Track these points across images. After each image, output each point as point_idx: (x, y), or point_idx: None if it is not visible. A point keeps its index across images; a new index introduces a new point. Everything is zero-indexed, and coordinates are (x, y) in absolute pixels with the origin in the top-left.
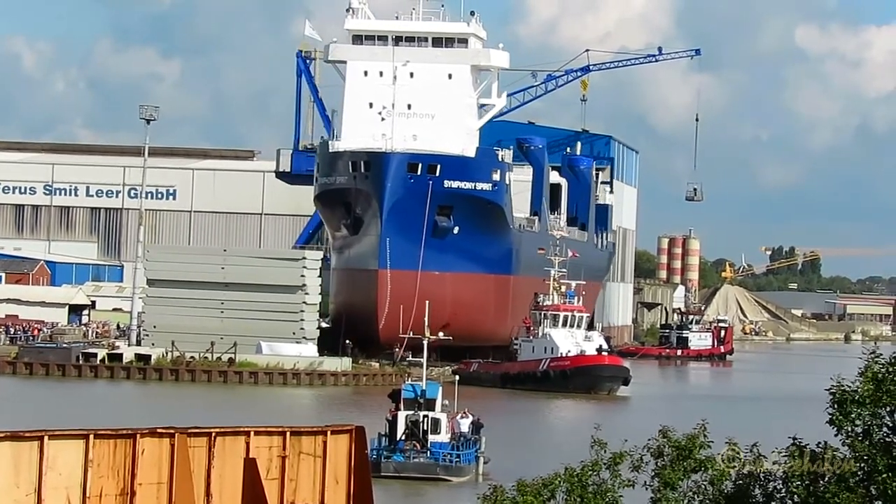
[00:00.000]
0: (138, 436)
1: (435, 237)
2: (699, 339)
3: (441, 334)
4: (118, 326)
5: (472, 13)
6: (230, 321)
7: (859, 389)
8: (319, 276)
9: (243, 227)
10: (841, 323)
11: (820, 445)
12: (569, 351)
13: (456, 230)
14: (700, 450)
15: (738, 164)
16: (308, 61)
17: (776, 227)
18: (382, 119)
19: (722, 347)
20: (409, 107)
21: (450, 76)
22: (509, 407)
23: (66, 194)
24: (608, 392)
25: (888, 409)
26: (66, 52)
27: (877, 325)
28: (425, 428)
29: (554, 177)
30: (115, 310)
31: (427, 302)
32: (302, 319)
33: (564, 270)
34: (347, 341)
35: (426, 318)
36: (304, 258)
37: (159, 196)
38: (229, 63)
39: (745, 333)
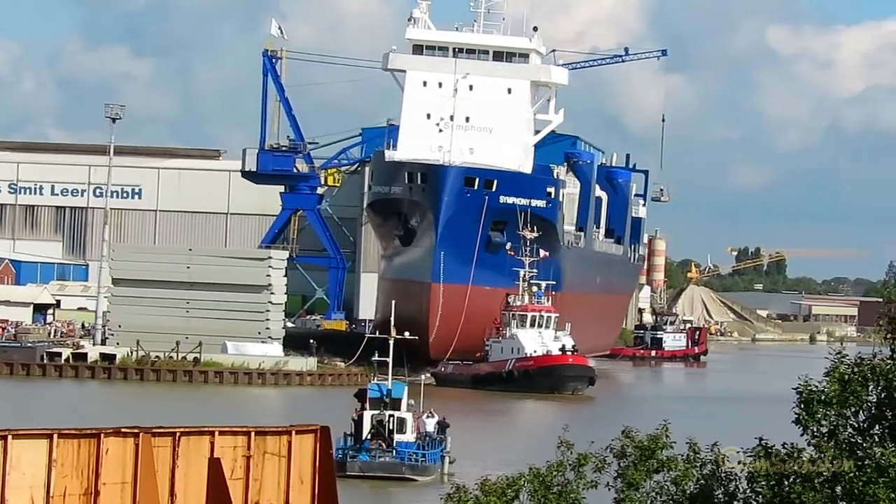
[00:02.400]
0: (102, 435)
1: (487, 252)
2: (673, 340)
3: (406, 334)
4: (83, 326)
5: (535, 29)
6: (195, 321)
7: (826, 390)
8: (285, 275)
9: (209, 227)
10: (806, 324)
11: (786, 446)
12: (534, 351)
13: (508, 245)
14: (662, 450)
15: (706, 165)
16: (274, 60)
17: (743, 227)
18: (440, 130)
19: (696, 348)
20: (468, 119)
21: (509, 91)
22: (475, 407)
23: (30, 193)
24: (572, 392)
25: (853, 409)
26: (36, 52)
27: (842, 326)
28: (391, 427)
29: (596, 190)
30: (80, 309)
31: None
32: (267, 319)
33: (535, 270)
34: (312, 340)
35: (392, 318)
36: (270, 258)
37: (125, 195)
38: (200, 62)
39: (711, 334)
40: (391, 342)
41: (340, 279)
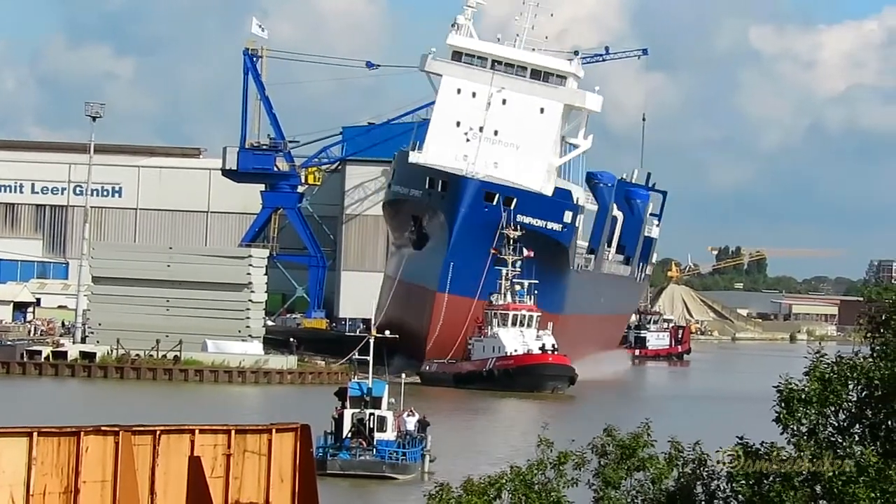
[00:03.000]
0: (82, 434)
1: (497, 267)
2: (657, 339)
3: (388, 332)
4: (63, 324)
5: (576, 52)
6: (175, 319)
7: (806, 388)
8: (265, 273)
9: (189, 225)
10: (786, 323)
11: (766, 444)
12: (515, 350)
13: (518, 265)
14: (643, 449)
15: (687, 164)
16: (255, 59)
17: (723, 226)
18: (467, 140)
19: (679, 347)
20: (496, 133)
21: (542, 110)
22: (456, 405)
23: (11, 191)
24: (552, 391)
25: (833, 408)
26: (17, 50)
27: (822, 325)
28: (371, 426)
29: (612, 209)
30: (60, 307)
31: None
32: (248, 318)
33: (518, 269)
34: (292, 339)
35: (372, 316)
36: (250, 256)
37: (105, 193)
38: (182, 61)
39: (692, 333)
40: (371, 341)
41: (321, 278)
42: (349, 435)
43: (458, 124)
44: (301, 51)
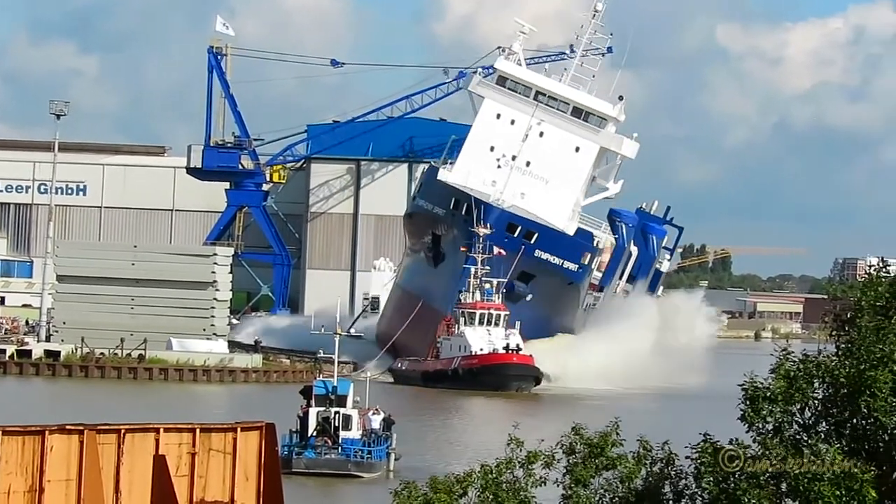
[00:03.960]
0: (47, 433)
1: (508, 300)
2: None
3: (353, 331)
4: (27, 322)
5: (621, 98)
6: (140, 317)
7: (771, 386)
8: (230, 272)
9: (154, 223)
10: (751, 320)
11: (732, 442)
12: (481, 349)
13: (529, 297)
14: (612, 447)
15: (652, 162)
16: (220, 57)
17: (688, 224)
18: (499, 166)
19: None
20: (528, 164)
21: (577, 149)
22: (422, 404)
23: None
24: (517, 390)
25: (799, 406)
26: None
27: (787, 323)
28: (336, 424)
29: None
30: (24, 306)
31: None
32: (212, 316)
33: (488, 268)
34: (257, 338)
35: (338, 315)
36: (215, 255)
37: (69, 191)
38: (147, 58)
39: None
40: (337, 339)
41: (286, 276)
42: (314, 433)
43: (493, 149)
44: (269, 48)
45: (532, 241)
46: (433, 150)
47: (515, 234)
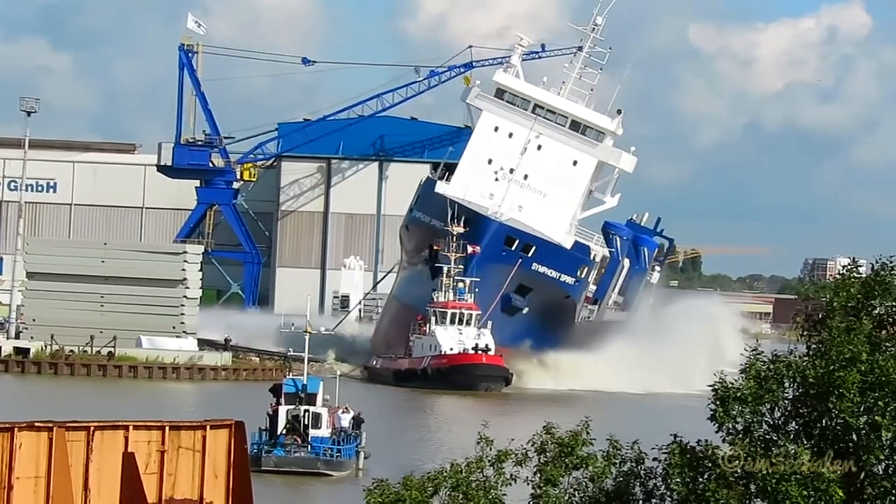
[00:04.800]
0: (16, 429)
1: (504, 312)
2: None
3: (322, 329)
4: None
5: (619, 111)
6: (110, 315)
7: (742, 387)
8: (200, 270)
9: (124, 221)
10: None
11: (701, 443)
12: (451, 349)
13: (525, 311)
14: (582, 447)
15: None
16: (191, 55)
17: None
18: (496, 179)
19: None
20: (526, 177)
21: (575, 163)
22: (392, 403)
23: None
24: (485, 390)
25: (768, 406)
26: None
27: (757, 323)
28: (306, 423)
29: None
30: None
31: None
32: (182, 314)
33: (461, 266)
34: (227, 336)
35: (307, 315)
36: (185, 252)
37: (39, 189)
38: (119, 56)
39: None
40: (306, 338)
41: (256, 274)
42: (284, 431)
43: (490, 162)
44: (242, 46)
45: (529, 255)
46: (404, 148)
47: (513, 248)
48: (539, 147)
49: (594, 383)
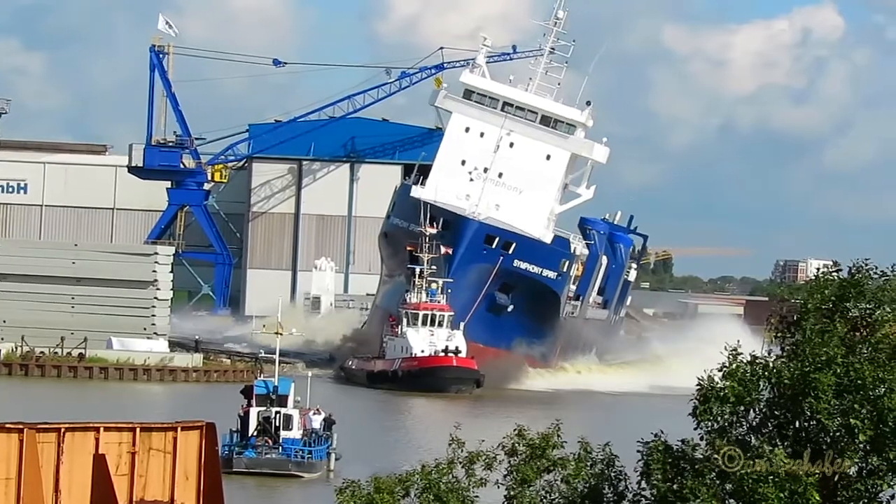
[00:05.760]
0: None
1: (490, 312)
2: None
3: (294, 331)
4: None
5: (588, 103)
6: (81, 316)
7: (725, 387)
8: (171, 271)
9: (95, 222)
10: (693, 322)
11: (680, 441)
12: (422, 351)
13: (510, 308)
14: (553, 449)
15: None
16: (161, 56)
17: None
18: (471, 180)
19: None
20: (500, 175)
21: (548, 157)
22: (364, 405)
23: None
24: (455, 392)
25: (745, 407)
26: None
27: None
28: (277, 424)
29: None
30: None
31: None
32: (153, 315)
33: (434, 267)
34: (197, 336)
35: (278, 316)
36: (156, 254)
37: (10, 189)
38: (92, 57)
39: None
40: (277, 340)
41: (227, 275)
42: (255, 433)
43: (464, 163)
44: (215, 48)
45: (510, 252)
46: (375, 150)
47: (493, 246)
48: (511, 144)
49: (592, 383)
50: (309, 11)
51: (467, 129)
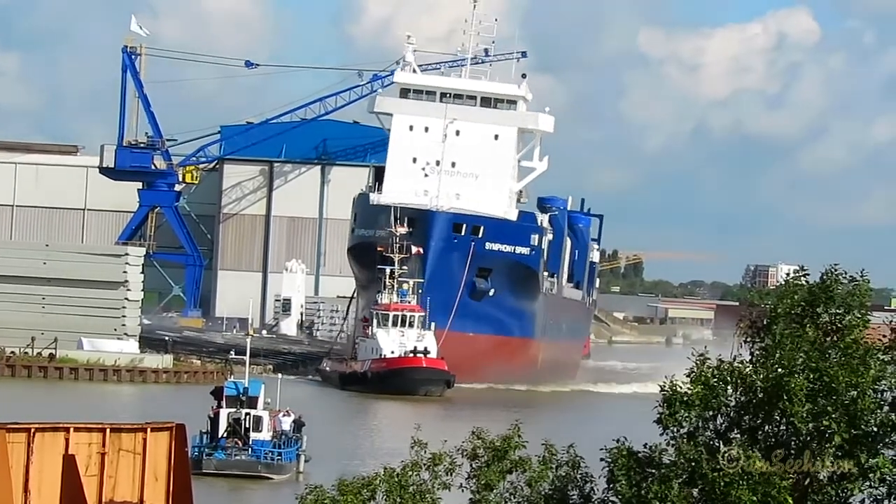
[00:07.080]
0: None
1: (472, 298)
2: None
3: (264, 332)
4: None
5: (524, 76)
6: (51, 317)
7: (691, 392)
8: (142, 272)
9: (66, 223)
10: (662, 326)
11: (646, 446)
12: (392, 352)
13: (492, 292)
14: (515, 451)
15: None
16: (134, 56)
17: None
18: (426, 175)
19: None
20: (454, 165)
21: (496, 137)
22: (335, 406)
23: None
24: (425, 394)
25: (713, 412)
26: None
27: (698, 329)
28: (247, 426)
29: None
30: None
31: None
32: (124, 316)
33: (405, 268)
34: (167, 336)
35: (249, 317)
36: (127, 254)
37: None
38: (64, 57)
39: None
40: (248, 341)
41: (197, 276)
42: (225, 434)
43: (415, 160)
44: (189, 49)
45: (479, 236)
46: (346, 152)
47: (462, 233)
48: (457, 132)
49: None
50: (282, 13)
51: (411, 127)
